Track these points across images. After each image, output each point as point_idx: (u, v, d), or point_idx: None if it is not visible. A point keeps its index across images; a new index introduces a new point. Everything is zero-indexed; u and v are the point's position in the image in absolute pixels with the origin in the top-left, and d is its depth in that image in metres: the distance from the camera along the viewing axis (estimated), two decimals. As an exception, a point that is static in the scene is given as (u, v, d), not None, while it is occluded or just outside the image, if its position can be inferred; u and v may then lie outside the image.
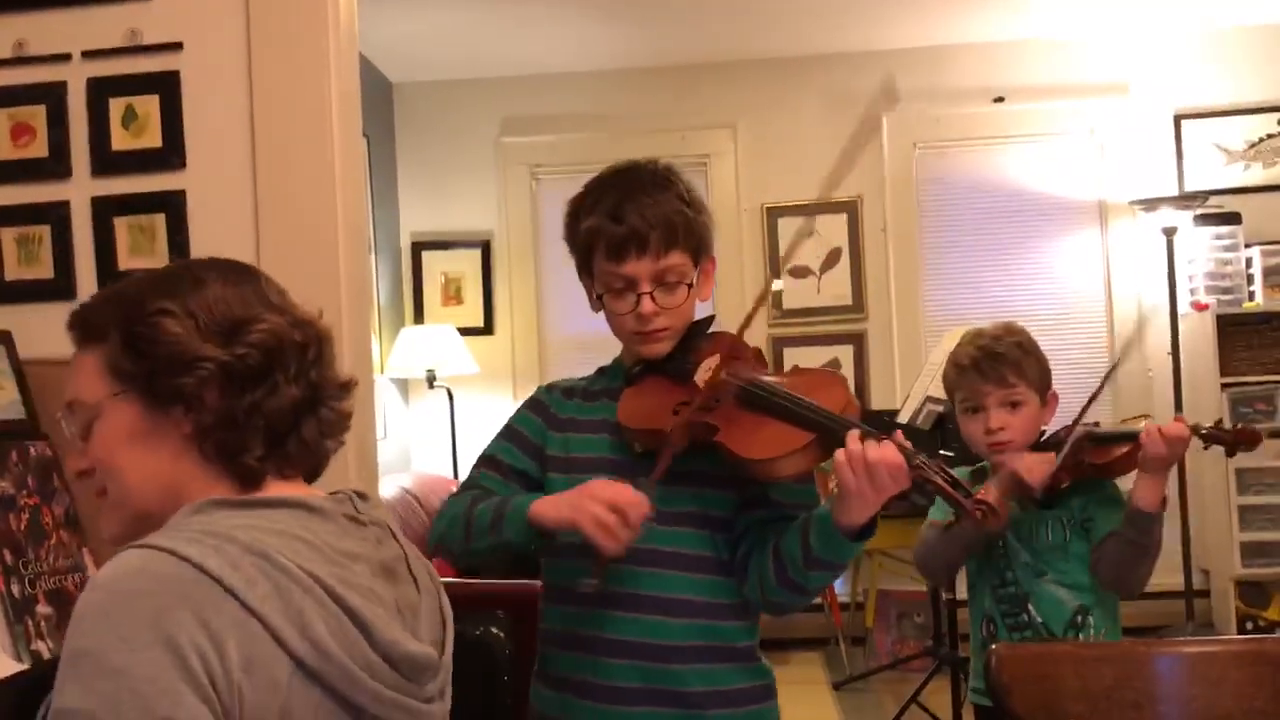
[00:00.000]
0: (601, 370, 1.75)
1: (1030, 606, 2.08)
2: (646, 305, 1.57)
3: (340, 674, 1.00)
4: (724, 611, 1.58)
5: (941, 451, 3.34)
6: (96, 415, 1.11)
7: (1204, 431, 2.03)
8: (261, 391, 1.08)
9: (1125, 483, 2.09)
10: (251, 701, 0.96)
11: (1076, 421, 2.07)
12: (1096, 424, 2.14)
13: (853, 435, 1.42)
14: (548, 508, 1.48)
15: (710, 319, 1.70)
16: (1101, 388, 2.21)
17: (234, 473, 1.09)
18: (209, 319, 1.08)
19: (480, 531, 1.53)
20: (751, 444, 1.49)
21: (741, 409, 1.53)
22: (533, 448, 1.66)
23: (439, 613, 1.19)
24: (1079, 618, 2.07)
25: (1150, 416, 2.16)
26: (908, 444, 1.42)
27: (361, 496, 1.18)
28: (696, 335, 1.65)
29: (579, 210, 1.63)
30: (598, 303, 1.64)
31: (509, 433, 1.69)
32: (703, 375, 1.56)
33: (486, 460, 1.68)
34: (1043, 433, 2.15)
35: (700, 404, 1.52)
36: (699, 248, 1.62)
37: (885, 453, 1.39)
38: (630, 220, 1.55)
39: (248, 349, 1.08)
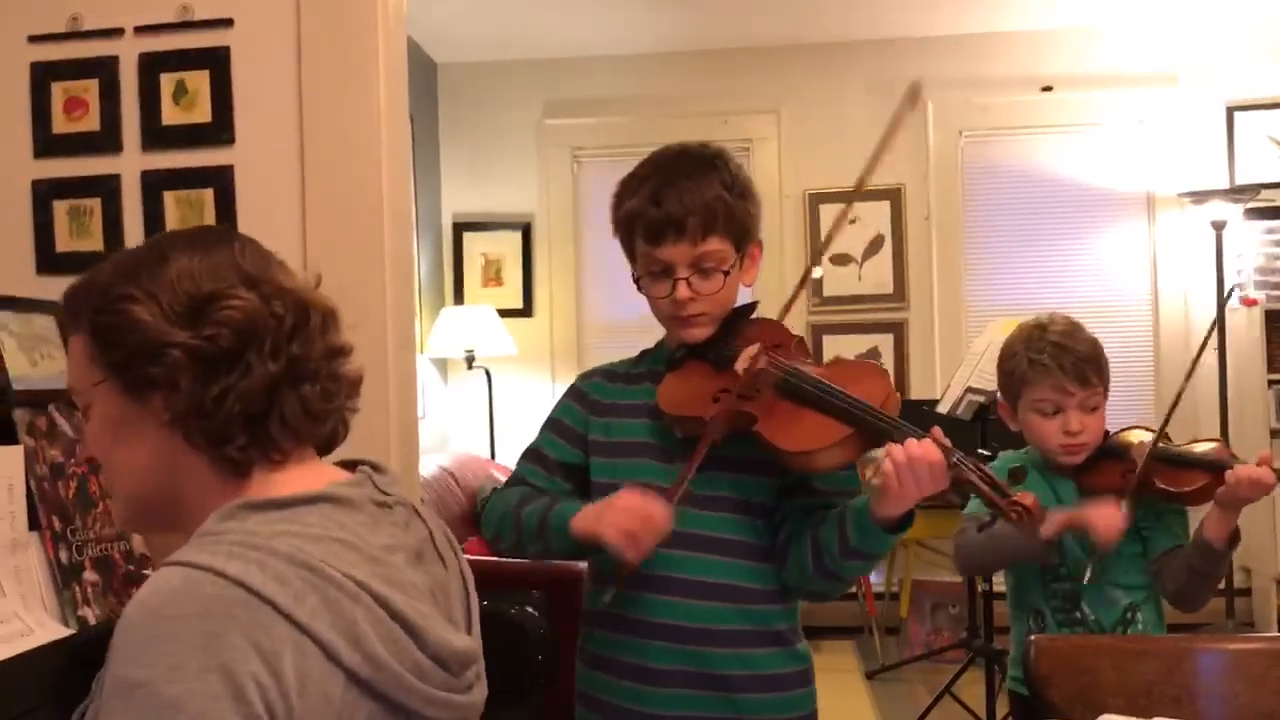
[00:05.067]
0: (644, 352, 1.75)
1: (1084, 604, 2.06)
2: (682, 291, 1.57)
3: (394, 682, 0.97)
4: (761, 596, 1.58)
5: (980, 450, 3.31)
6: (88, 403, 1.08)
7: None
8: (235, 374, 1.02)
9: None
10: None
11: (1152, 445, 2.02)
12: (1168, 438, 2.08)
13: (895, 439, 1.41)
14: (580, 521, 1.51)
15: (753, 305, 1.69)
16: (1175, 404, 2.11)
17: (219, 462, 1.04)
18: (173, 299, 1.02)
19: (531, 536, 1.58)
20: (790, 435, 1.48)
21: (781, 399, 1.52)
22: (576, 436, 1.68)
23: (463, 584, 1.16)
24: (1129, 614, 2.06)
25: (1219, 440, 2.09)
26: (946, 441, 1.41)
27: (378, 470, 1.14)
28: (738, 320, 1.65)
29: (624, 191, 1.64)
30: (639, 284, 1.65)
31: (552, 424, 1.72)
32: (743, 363, 1.54)
33: (531, 454, 1.70)
34: (1106, 433, 2.12)
35: (740, 392, 1.51)
36: (741, 234, 1.60)
37: (926, 449, 1.38)
38: (668, 205, 1.55)
39: (216, 329, 1.01)
